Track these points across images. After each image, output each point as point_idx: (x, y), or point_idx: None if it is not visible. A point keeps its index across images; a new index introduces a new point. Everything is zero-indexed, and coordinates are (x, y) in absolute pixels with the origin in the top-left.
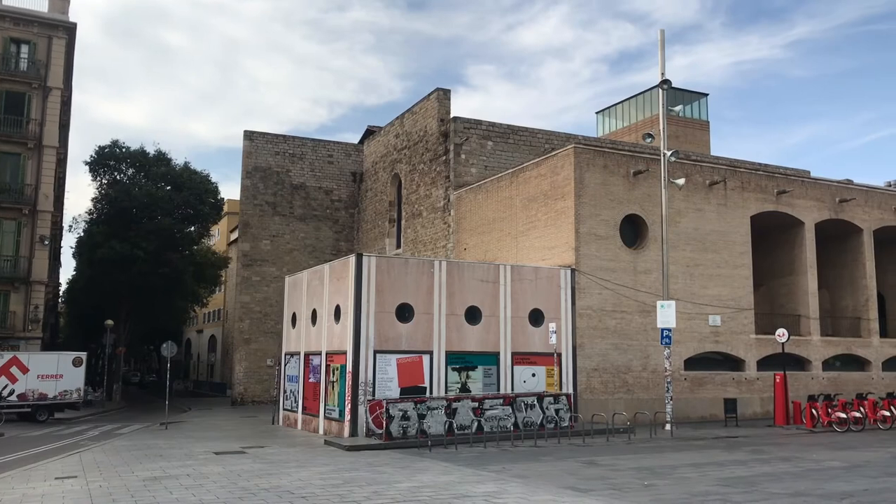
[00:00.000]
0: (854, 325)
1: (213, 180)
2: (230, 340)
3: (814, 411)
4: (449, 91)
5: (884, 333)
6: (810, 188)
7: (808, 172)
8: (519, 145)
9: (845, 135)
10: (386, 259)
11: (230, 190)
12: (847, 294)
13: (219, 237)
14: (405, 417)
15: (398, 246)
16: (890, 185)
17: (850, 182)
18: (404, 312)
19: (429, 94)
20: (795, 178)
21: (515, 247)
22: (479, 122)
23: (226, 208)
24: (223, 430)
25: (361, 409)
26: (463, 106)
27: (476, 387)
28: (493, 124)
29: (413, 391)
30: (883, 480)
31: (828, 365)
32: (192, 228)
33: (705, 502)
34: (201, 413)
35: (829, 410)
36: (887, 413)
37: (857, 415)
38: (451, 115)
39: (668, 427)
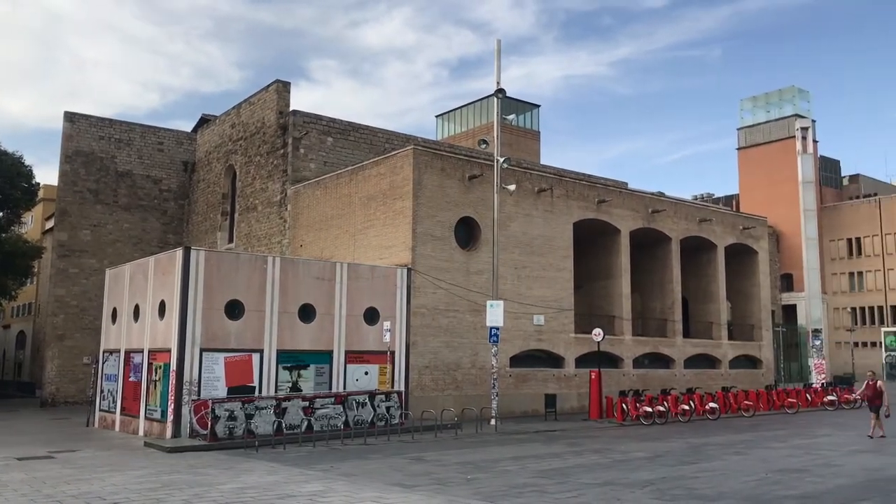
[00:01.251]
0: (661, 325)
1: (28, 163)
2: (42, 337)
3: (624, 406)
4: (289, 84)
5: (686, 334)
6: (627, 199)
7: (626, 184)
8: (359, 143)
9: (659, 151)
10: (216, 253)
11: (48, 175)
12: (656, 297)
13: (32, 225)
14: (232, 418)
15: (230, 240)
16: (696, 199)
17: (661, 195)
18: (234, 309)
19: (268, 86)
20: (614, 188)
21: (353, 245)
22: (319, 118)
23: (41, 194)
24: (29, 434)
25: (185, 410)
26: (303, 100)
27: (308, 386)
28: (333, 120)
29: (241, 391)
30: (678, 468)
31: (638, 363)
32: (1, 214)
33: (522, 494)
34: (4, 416)
35: (638, 405)
36: (687, 407)
37: (662, 409)
38: (291, 109)
39: (493, 422)
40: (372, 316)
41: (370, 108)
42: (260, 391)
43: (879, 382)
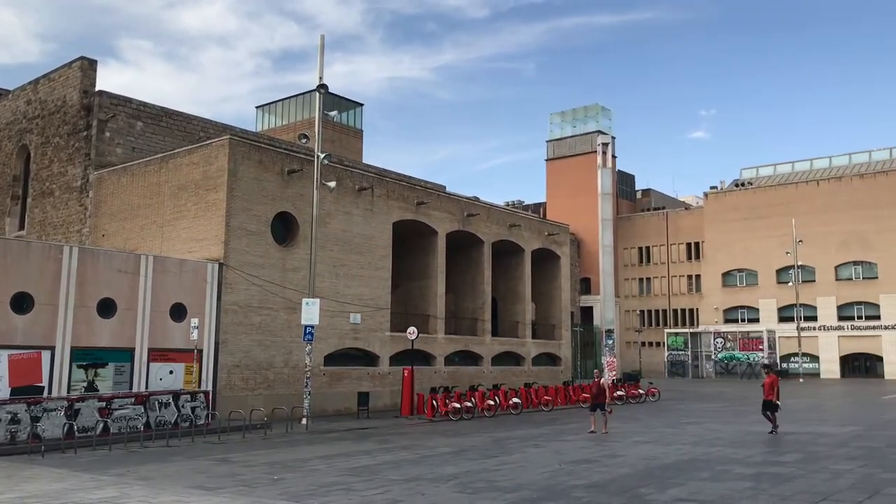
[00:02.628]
0: (472, 325)
1: None
2: None
3: (434, 402)
4: (95, 62)
5: (495, 333)
6: (445, 202)
7: (445, 187)
8: (172, 130)
9: (477, 157)
10: (2, 241)
11: None
12: (468, 297)
13: None
14: (15, 421)
15: (21, 227)
16: (508, 205)
17: (477, 199)
18: (22, 302)
19: (72, 62)
20: (433, 191)
21: (161, 237)
22: (129, 100)
23: None
24: None
25: None
26: (112, 80)
27: (106, 385)
28: (144, 104)
29: (28, 391)
30: (482, 462)
31: (449, 360)
32: None
33: (330, 492)
34: None
35: (447, 401)
36: (492, 402)
37: (469, 405)
38: (97, 89)
39: (304, 421)
40: (179, 312)
41: (186, 95)
42: (50, 391)
43: (603, 380)
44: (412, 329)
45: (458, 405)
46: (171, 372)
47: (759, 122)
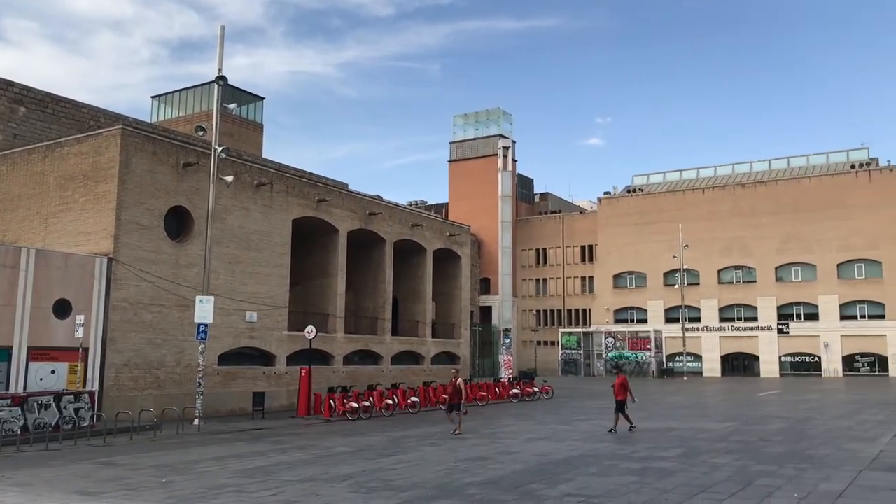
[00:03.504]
0: (372, 324)
1: None
2: None
3: (332, 402)
4: None
5: (395, 332)
6: (347, 199)
7: (347, 185)
8: (59, 117)
9: (381, 156)
10: None
11: None
12: (369, 296)
13: None
14: None
15: None
16: (410, 205)
17: (379, 198)
18: None
19: None
20: (335, 188)
21: (45, 229)
22: (10, 84)
23: None
24: None
25: None
26: None
27: None
28: (28, 88)
29: None
30: (378, 461)
31: (348, 359)
32: None
33: (220, 495)
34: None
35: (345, 401)
36: (391, 402)
37: (367, 404)
38: None
39: (196, 422)
40: (63, 309)
41: (77, 81)
42: None
43: (460, 381)
44: (310, 328)
45: (355, 405)
46: (52, 371)
47: (651, 131)
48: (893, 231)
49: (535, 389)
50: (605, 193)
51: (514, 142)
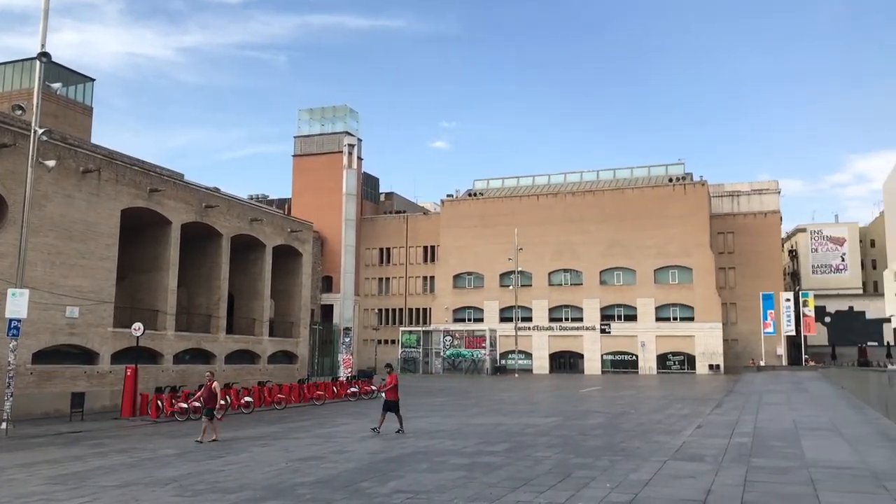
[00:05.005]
0: (206, 321)
1: None
2: None
3: (159, 403)
4: None
5: (231, 330)
6: (181, 190)
7: (182, 175)
8: None
9: (221, 146)
10: None
11: None
12: (203, 293)
13: None
14: None
15: None
16: (251, 199)
17: (217, 190)
18: None
19: None
20: (169, 178)
21: None
22: None
23: None
24: None
25: None
26: None
27: None
28: None
29: None
30: (205, 463)
31: (179, 358)
32: None
33: None
34: None
35: (174, 401)
36: (223, 402)
37: (197, 404)
38: None
39: (4, 426)
40: None
41: None
42: None
43: (215, 384)
44: (138, 325)
45: (185, 405)
46: None
47: (494, 137)
48: (703, 240)
49: (374, 388)
50: (448, 196)
51: (360, 140)
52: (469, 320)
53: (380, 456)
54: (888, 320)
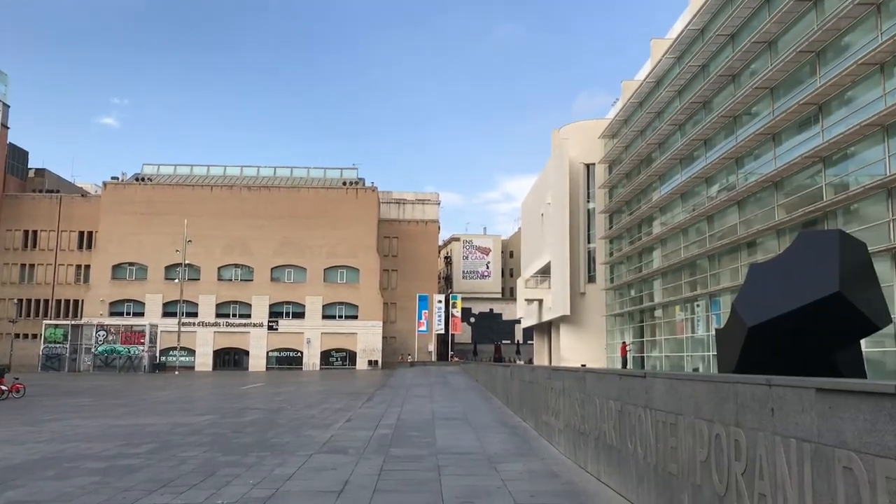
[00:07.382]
0: None
1: None
2: None
3: None
4: None
5: None
6: None
7: None
8: None
9: None
10: None
11: None
12: None
13: None
14: None
15: None
16: None
17: None
18: None
19: None
20: None
21: None
22: None
23: None
24: None
25: None
26: None
27: None
28: None
29: None
30: None
31: None
32: None
33: None
34: None
35: None
36: None
37: None
38: None
39: None
40: None
41: None
42: None
43: None
44: None
45: None
46: None
47: (168, 121)
48: (370, 242)
49: (4, 388)
50: (112, 178)
51: (7, 106)
52: (128, 314)
53: (1, 464)
54: (518, 321)
